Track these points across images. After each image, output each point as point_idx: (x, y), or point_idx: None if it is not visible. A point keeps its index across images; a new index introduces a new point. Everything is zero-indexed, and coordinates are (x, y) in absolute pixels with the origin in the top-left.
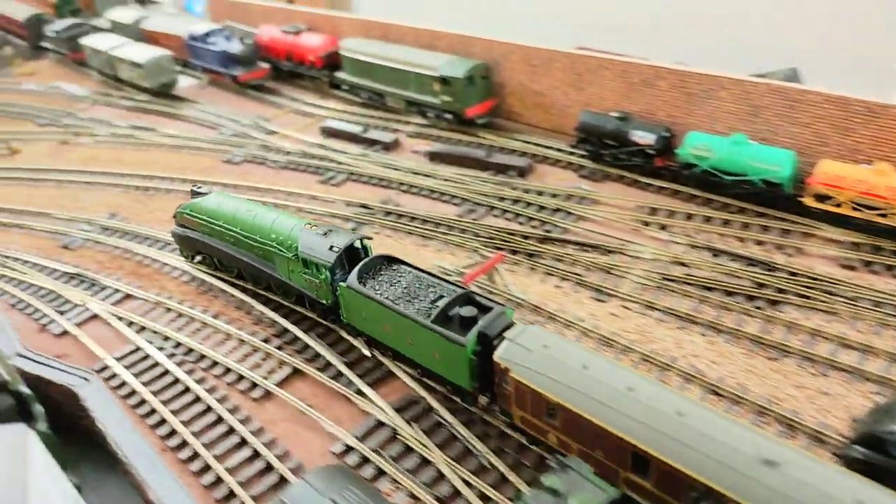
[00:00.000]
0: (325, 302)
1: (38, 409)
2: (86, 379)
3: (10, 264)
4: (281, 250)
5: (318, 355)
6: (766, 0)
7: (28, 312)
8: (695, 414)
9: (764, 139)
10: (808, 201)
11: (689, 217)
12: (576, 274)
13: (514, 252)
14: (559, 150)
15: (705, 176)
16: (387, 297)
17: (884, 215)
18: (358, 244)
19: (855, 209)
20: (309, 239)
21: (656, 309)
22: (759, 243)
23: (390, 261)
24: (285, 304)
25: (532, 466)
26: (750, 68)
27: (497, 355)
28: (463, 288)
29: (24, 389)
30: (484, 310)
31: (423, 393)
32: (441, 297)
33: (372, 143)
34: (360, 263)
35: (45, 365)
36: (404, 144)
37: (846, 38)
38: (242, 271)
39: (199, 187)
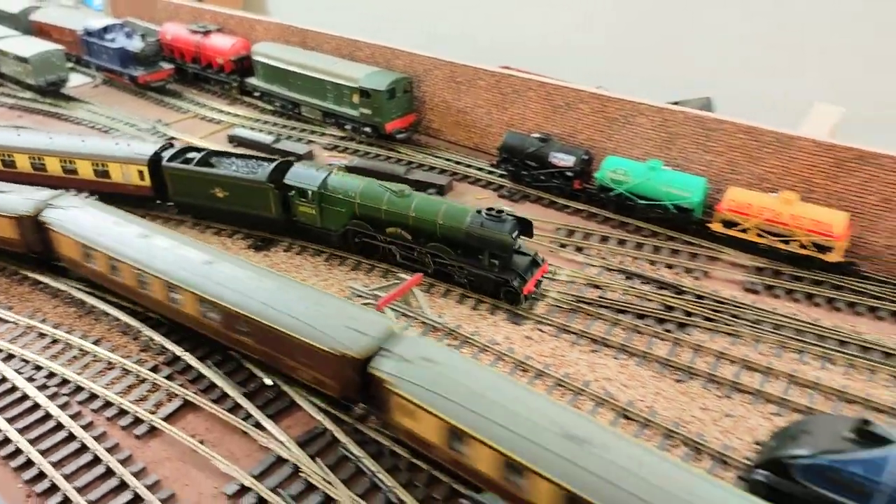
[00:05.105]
0: None
1: None
2: None
3: None
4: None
5: (213, 385)
6: (681, 31)
7: None
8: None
9: (678, 166)
10: (716, 227)
11: (605, 240)
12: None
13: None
14: (479, 168)
15: (621, 200)
16: None
17: (786, 242)
18: None
19: (759, 235)
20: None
21: (571, 332)
22: (670, 267)
23: None
24: (176, 328)
25: (443, 501)
26: (666, 96)
27: None
28: None
29: None
30: None
31: (329, 425)
32: None
33: (284, 154)
34: None
35: None
36: (319, 157)
37: (757, 69)
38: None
39: None
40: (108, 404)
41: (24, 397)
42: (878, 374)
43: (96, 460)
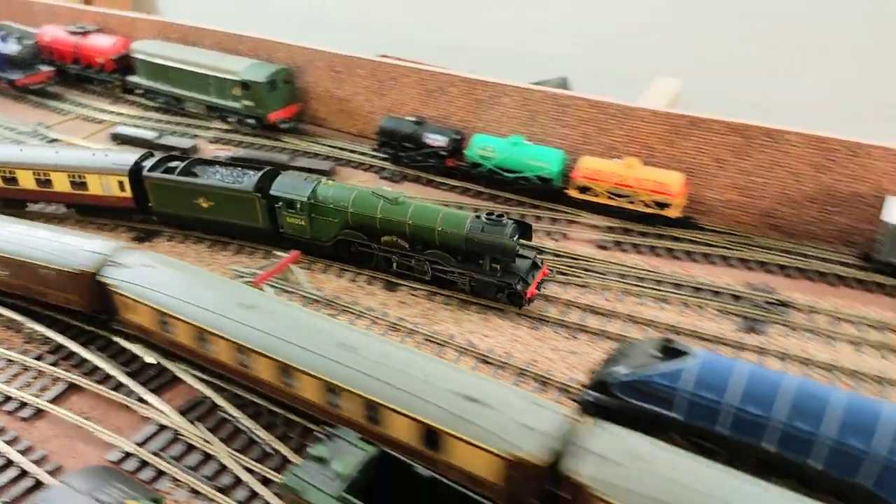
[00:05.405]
0: None
1: None
2: None
3: None
4: None
5: (96, 368)
6: (541, 15)
7: None
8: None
9: (541, 140)
10: (573, 193)
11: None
12: (371, 268)
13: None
14: (362, 153)
15: (490, 174)
16: None
17: (632, 202)
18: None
19: (610, 198)
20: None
21: (441, 294)
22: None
23: None
24: (61, 318)
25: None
26: (528, 76)
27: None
28: None
29: None
30: None
31: (209, 393)
32: None
33: (168, 149)
34: None
35: None
36: (204, 150)
37: (606, 48)
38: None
39: None
40: None
41: None
42: (706, 309)
43: None
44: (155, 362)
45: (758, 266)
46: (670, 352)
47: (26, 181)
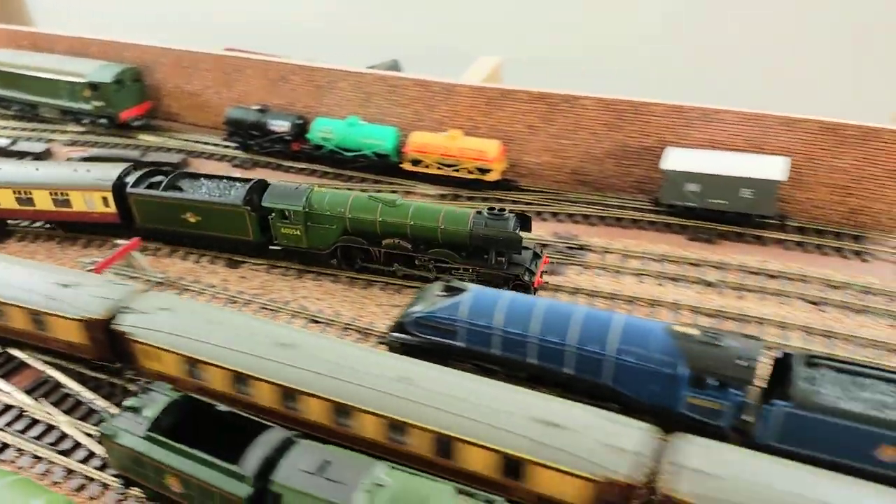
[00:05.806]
0: None
1: None
2: None
3: None
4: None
5: None
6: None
7: None
8: None
9: (379, 119)
10: (406, 166)
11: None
12: (212, 251)
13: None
14: (215, 144)
15: (332, 154)
16: None
17: (457, 170)
18: None
19: (438, 168)
20: None
21: (279, 267)
22: None
23: None
24: None
25: None
26: (364, 61)
27: None
28: None
29: None
30: None
31: (53, 373)
32: None
33: (22, 154)
34: None
35: None
36: (59, 153)
37: (433, 32)
38: None
39: None
40: None
41: None
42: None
43: None
44: (2, 350)
45: (566, 218)
46: (452, 290)
47: (6, 200)
